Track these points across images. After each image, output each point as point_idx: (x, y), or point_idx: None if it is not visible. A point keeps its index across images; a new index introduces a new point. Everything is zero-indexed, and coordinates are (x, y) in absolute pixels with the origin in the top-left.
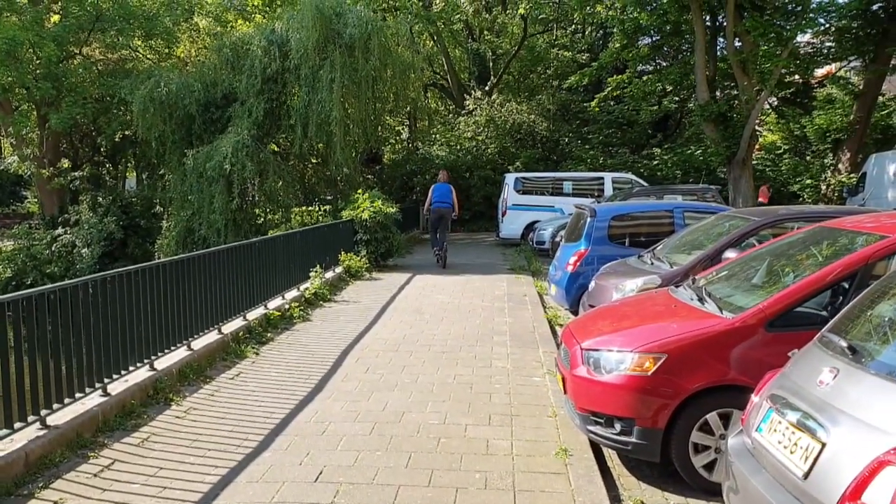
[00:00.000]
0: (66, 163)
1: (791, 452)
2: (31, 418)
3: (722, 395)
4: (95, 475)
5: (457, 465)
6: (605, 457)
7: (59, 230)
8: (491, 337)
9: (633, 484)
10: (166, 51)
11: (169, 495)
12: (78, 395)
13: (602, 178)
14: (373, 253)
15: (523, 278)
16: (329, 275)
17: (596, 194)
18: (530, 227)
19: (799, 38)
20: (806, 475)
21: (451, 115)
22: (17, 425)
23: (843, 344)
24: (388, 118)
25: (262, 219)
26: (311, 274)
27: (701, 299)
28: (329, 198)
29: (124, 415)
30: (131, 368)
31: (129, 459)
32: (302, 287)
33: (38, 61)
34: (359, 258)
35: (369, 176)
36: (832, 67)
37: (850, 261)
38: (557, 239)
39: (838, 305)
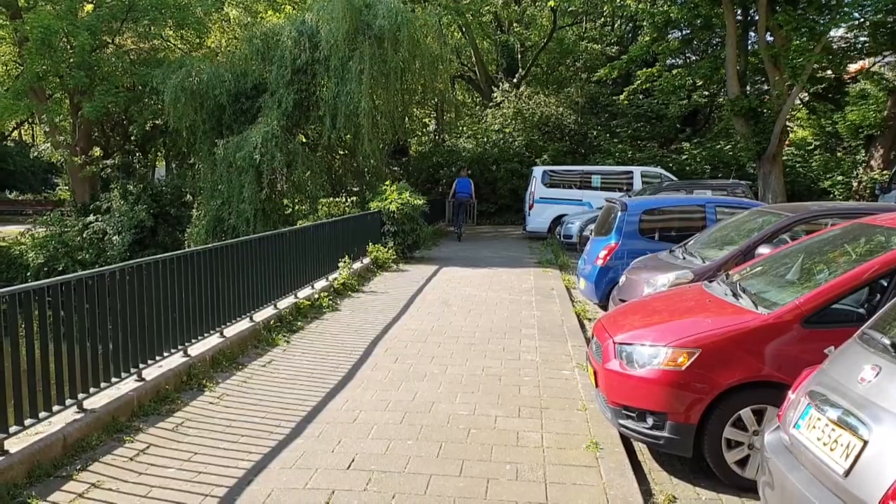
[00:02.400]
0: (97, 151)
1: (831, 450)
2: (68, 402)
3: (756, 391)
4: (131, 459)
5: (487, 455)
6: (635, 451)
7: (91, 217)
8: (519, 330)
9: (665, 479)
10: (197, 41)
11: (204, 480)
12: (114, 379)
13: (631, 172)
14: (400, 244)
15: (550, 272)
16: (357, 265)
17: (625, 188)
18: (557, 221)
19: (832, 32)
20: (847, 473)
21: (478, 108)
22: (55, 408)
23: (886, 341)
24: (415, 110)
25: (291, 209)
26: (340, 264)
27: (735, 294)
28: (356, 189)
29: (159, 400)
30: (165, 354)
31: (164, 444)
32: (331, 277)
33: (71, 50)
34: (386, 249)
35: (396, 168)
36: (866, 62)
37: (890, 258)
38: (585, 233)
39: (876, 303)
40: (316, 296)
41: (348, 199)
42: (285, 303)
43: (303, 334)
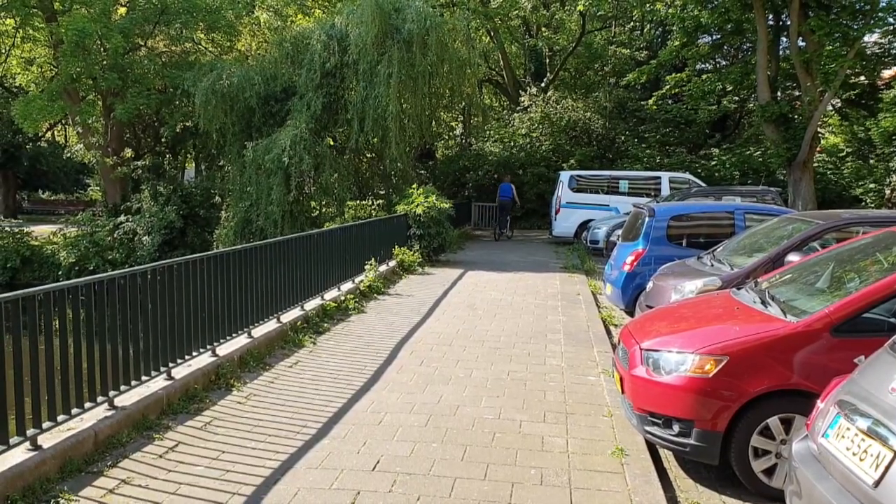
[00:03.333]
0: (129, 152)
1: (860, 460)
2: (100, 399)
3: (784, 400)
4: (160, 456)
5: (512, 460)
6: (661, 458)
7: (121, 218)
8: (545, 335)
9: (690, 486)
10: (228, 44)
11: (231, 478)
12: (144, 378)
13: (659, 178)
14: (426, 248)
15: (577, 277)
16: (383, 268)
17: (652, 194)
18: (584, 226)
19: (866, 37)
20: (876, 483)
21: (505, 112)
22: (86, 405)
23: None
24: (442, 114)
25: (318, 211)
26: (366, 267)
27: (764, 302)
28: (383, 192)
29: (187, 398)
30: (194, 354)
31: (193, 442)
32: (357, 279)
33: (105, 52)
34: (412, 252)
35: (422, 171)
36: None
37: None
38: (612, 238)
39: None
40: (342, 298)
41: (375, 202)
42: (312, 304)
43: (329, 336)
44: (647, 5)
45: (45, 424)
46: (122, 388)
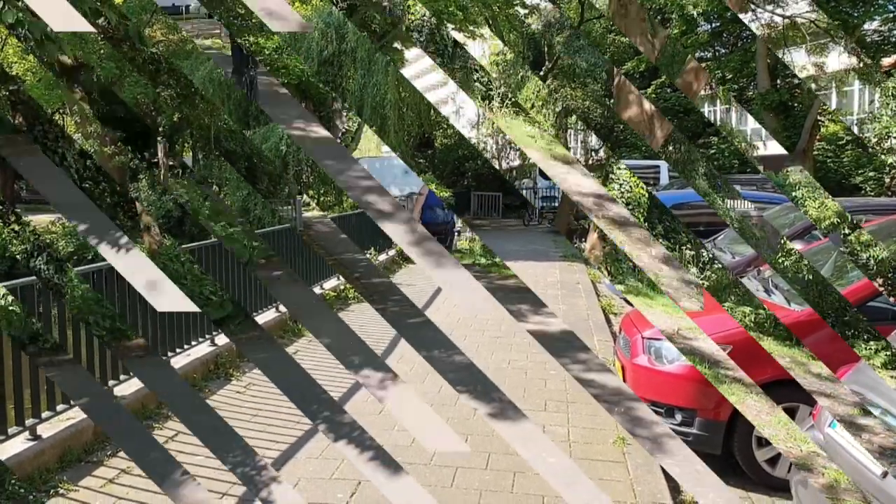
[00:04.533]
0: None
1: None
2: None
3: (788, 389)
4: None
5: (513, 449)
6: None
7: None
8: None
9: None
10: None
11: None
12: None
13: (658, 167)
14: None
15: (576, 266)
16: (382, 257)
17: (651, 183)
18: None
19: (866, 25)
20: (885, 473)
21: None
22: None
23: None
24: None
25: (316, 200)
26: (367, 255)
27: (767, 290)
28: None
29: None
30: (193, 343)
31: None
32: None
33: (102, 41)
34: None
35: (421, 160)
36: None
37: None
38: None
39: None
40: (342, 287)
41: None
42: None
43: None
44: None
45: (45, 414)
46: (122, 377)
